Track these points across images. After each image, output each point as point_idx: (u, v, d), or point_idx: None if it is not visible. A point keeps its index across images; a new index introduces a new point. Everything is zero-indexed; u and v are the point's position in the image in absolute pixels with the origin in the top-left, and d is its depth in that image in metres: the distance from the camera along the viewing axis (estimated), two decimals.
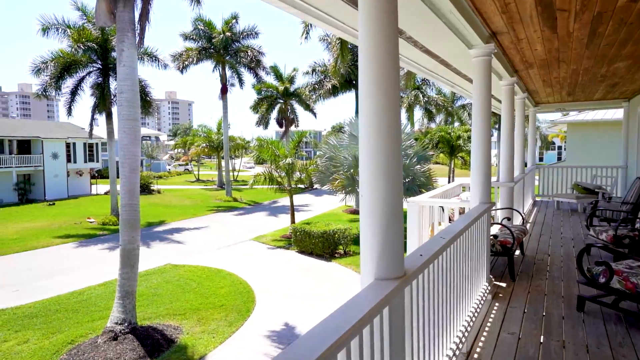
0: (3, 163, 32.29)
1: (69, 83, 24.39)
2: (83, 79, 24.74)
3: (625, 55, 5.16)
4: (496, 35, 4.16)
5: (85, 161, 39.24)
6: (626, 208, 6.78)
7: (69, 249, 18.40)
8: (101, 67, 24.91)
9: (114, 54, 24.61)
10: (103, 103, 24.91)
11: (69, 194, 36.54)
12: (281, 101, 38.46)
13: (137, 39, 10.09)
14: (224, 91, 34.29)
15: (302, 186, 21.69)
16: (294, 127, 40.37)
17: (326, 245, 16.38)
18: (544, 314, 3.78)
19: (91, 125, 26.29)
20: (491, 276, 4.47)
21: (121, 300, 9.59)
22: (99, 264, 15.98)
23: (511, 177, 6.18)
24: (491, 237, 4.74)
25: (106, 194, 35.58)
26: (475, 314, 3.54)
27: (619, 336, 3.32)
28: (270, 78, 36.80)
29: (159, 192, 38.14)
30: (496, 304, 4.02)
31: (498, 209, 5.94)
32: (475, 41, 3.96)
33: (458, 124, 41.32)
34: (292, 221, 20.19)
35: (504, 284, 4.60)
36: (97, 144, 40.08)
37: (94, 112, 25.71)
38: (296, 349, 1.29)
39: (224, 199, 33.92)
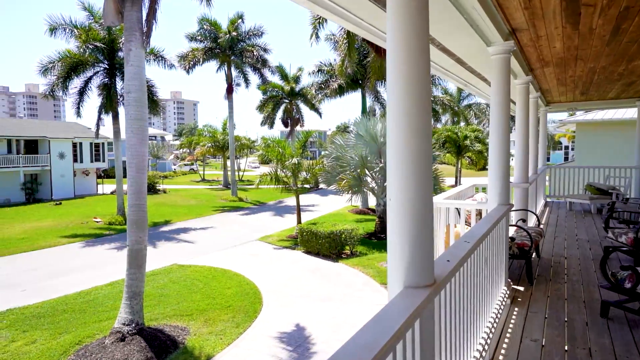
0: (11, 163, 32.47)
1: (76, 83, 24.47)
2: (90, 79, 24.81)
3: None
4: (515, 32, 4.05)
5: (91, 161, 39.39)
6: None
7: (76, 249, 18.43)
8: (108, 67, 24.95)
9: (121, 54, 24.67)
10: (110, 103, 24.96)
11: (75, 193, 36.68)
12: (287, 101, 38.38)
13: (144, 38, 10.04)
14: (229, 91, 34.28)
15: (308, 186, 21.58)
16: (299, 127, 40.29)
17: (333, 245, 16.27)
18: (565, 319, 3.66)
19: (98, 125, 26.36)
20: (509, 280, 4.35)
21: (128, 301, 9.55)
22: (105, 263, 15.98)
23: (526, 178, 6.06)
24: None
25: (112, 193, 35.71)
26: (496, 319, 3.43)
27: None
28: (275, 78, 36.78)
29: (164, 191, 38.22)
30: (515, 309, 3.91)
31: (513, 210, 5.82)
32: (495, 38, 3.84)
33: (463, 123, 41.09)
34: (299, 221, 20.11)
35: (521, 288, 4.48)
36: (103, 143, 40.23)
37: (100, 112, 25.76)
38: None
39: (229, 198, 33.92)
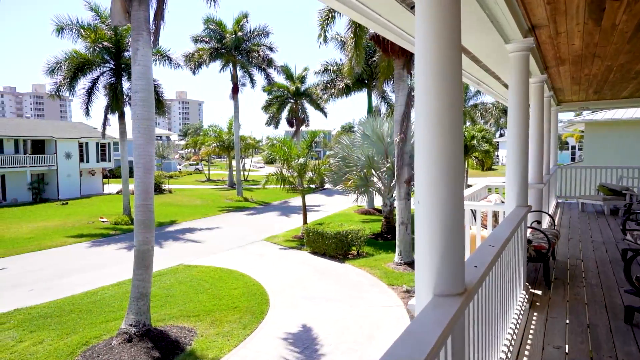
0: (18, 163, 32.64)
1: (82, 83, 24.55)
2: (98, 79, 24.87)
3: None
4: (534, 28, 3.93)
5: (97, 161, 39.54)
6: None
7: (82, 249, 18.45)
8: (114, 67, 25.00)
9: (127, 54, 24.72)
10: (116, 103, 25.00)
11: (81, 193, 36.83)
12: (292, 101, 38.35)
13: (151, 38, 10.00)
14: (235, 91, 34.27)
15: (313, 186, 21.51)
16: (304, 127, 40.26)
17: (339, 246, 16.17)
18: (588, 325, 3.55)
19: (104, 125, 26.42)
20: (527, 284, 4.24)
21: (135, 301, 9.50)
22: (112, 263, 15.98)
23: (540, 179, 5.93)
24: None
25: (118, 193, 35.80)
26: (517, 326, 3.32)
27: None
28: (281, 78, 36.75)
29: (170, 191, 38.28)
30: (534, 314, 3.79)
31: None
32: (514, 35, 3.73)
33: (469, 123, 40.84)
34: (305, 221, 20.02)
35: (539, 292, 4.36)
36: (109, 143, 40.37)
37: (106, 112, 25.82)
38: None
39: (234, 198, 33.91)
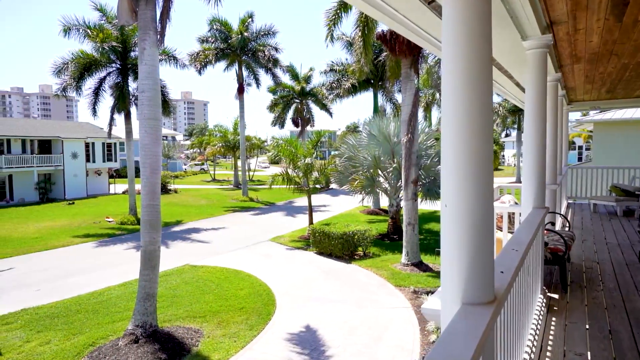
0: (25, 163, 32.82)
1: (89, 84, 24.65)
2: (104, 79, 24.94)
3: None
4: (553, 25, 3.82)
5: (103, 161, 39.70)
6: None
7: (89, 249, 18.48)
8: (120, 67, 25.06)
9: (133, 54, 24.77)
10: (123, 103, 25.06)
11: (87, 193, 36.98)
12: (297, 101, 38.30)
13: (158, 37, 9.95)
14: (240, 91, 34.24)
15: (319, 186, 21.43)
16: (309, 127, 40.20)
17: (346, 246, 16.07)
18: (609, 331, 3.43)
19: (110, 125, 26.49)
20: (544, 287, 4.13)
21: (142, 302, 9.46)
22: (118, 263, 15.98)
23: (554, 179, 5.81)
24: None
25: (124, 193, 35.91)
26: (536, 331, 3.22)
27: None
28: (286, 78, 36.71)
29: (175, 191, 38.35)
30: (553, 319, 3.68)
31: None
32: (532, 31, 3.63)
33: None
34: (310, 222, 19.94)
35: (555, 296, 4.25)
36: (115, 143, 40.52)
37: (113, 112, 25.89)
38: None
39: (240, 198, 33.90)
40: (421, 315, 10.74)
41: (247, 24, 32.04)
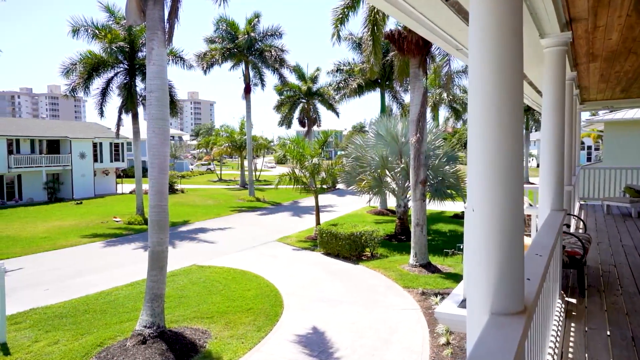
0: (34, 163, 33.08)
1: (97, 84, 24.76)
2: (112, 79, 25.05)
3: None
4: (572, 22, 3.72)
5: (111, 161, 39.91)
6: None
7: (97, 249, 18.55)
8: (128, 67, 25.16)
9: (140, 54, 24.86)
10: (131, 103, 25.16)
11: (95, 193, 37.21)
12: (304, 101, 38.27)
13: (166, 37, 9.93)
14: (247, 91, 34.26)
15: (325, 186, 21.36)
16: (316, 127, 40.15)
17: (353, 247, 15.98)
18: (632, 338, 3.32)
19: (118, 126, 26.60)
20: (562, 292, 4.02)
21: (150, 303, 9.44)
22: (125, 264, 16.01)
23: (569, 180, 5.68)
24: None
25: (131, 193, 36.09)
26: (557, 338, 3.12)
27: None
28: (292, 78, 36.69)
29: (182, 191, 38.47)
30: (572, 325, 3.58)
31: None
32: (551, 29, 3.52)
33: None
34: (317, 222, 19.86)
35: (573, 300, 4.14)
36: (122, 143, 40.73)
37: (120, 113, 26.00)
38: None
39: (246, 198, 33.92)
40: (430, 317, 10.63)
41: (253, 24, 32.04)
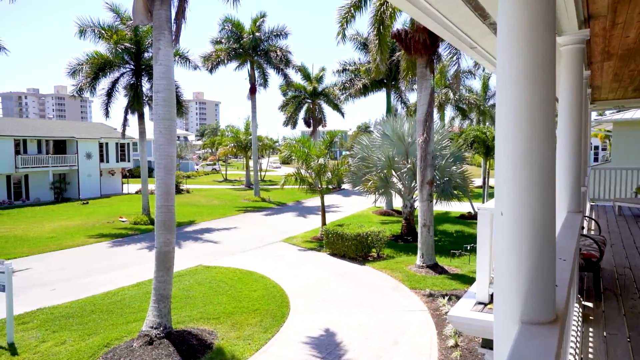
0: (41, 163, 33.26)
1: (103, 84, 24.83)
2: (118, 80, 25.13)
3: None
4: (590, 19, 3.63)
5: (117, 161, 40.07)
6: None
7: (103, 249, 18.60)
8: (134, 67, 25.22)
9: (146, 55, 24.91)
10: (137, 104, 25.22)
11: (101, 193, 37.37)
12: (309, 101, 38.23)
13: (172, 37, 9.90)
14: (252, 91, 34.26)
15: (331, 186, 21.29)
16: (321, 127, 40.10)
17: (359, 248, 15.90)
18: None
19: (124, 126, 26.67)
20: (578, 295, 3.93)
21: (156, 304, 9.41)
22: (131, 264, 16.03)
23: (583, 180, 5.58)
24: None
25: (137, 193, 36.22)
26: (576, 344, 3.03)
27: None
28: (297, 78, 36.66)
29: (187, 191, 38.54)
30: (590, 330, 3.49)
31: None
32: (569, 26, 3.44)
33: (489, 123, 40.03)
34: (323, 222, 19.80)
35: (590, 304, 4.04)
36: (128, 144, 40.89)
37: (126, 113, 26.07)
38: None
39: (252, 199, 33.92)
40: (438, 319, 10.54)
41: (259, 24, 32.03)
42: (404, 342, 9.40)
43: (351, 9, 13.19)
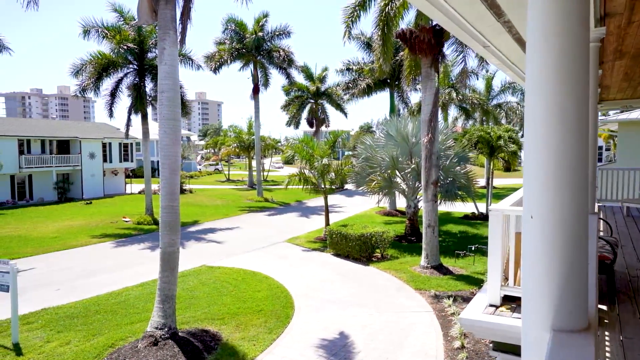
0: (44, 163, 33.34)
1: (106, 84, 24.86)
2: (121, 80, 25.14)
3: None
4: (606, 17, 3.56)
5: (120, 161, 40.14)
6: None
7: (107, 249, 18.60)
8: (137, 67, 25.23)
9: (150, 55, 24.92)
10: (140, 103, 25.23)
11: (104, 193, 37.43)
12: (312, 101, 38.19)
13: (178, 37, 9.88)
14: (255, 91, 34.23)
15: (334, 187, 21.24)
16: (324, 127, 40.06)
17: (363, 248, 15.84)
18: None
19: (127, 126, 26.71)
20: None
21: (161, 304, 9.37)
22: (135, 264, 16.02)
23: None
24: None
25: (140, 193, 36.24)
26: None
27: None
28: (300, 78, 36.62)
29: (190, 191, 38.56)
30: (606, 334, 3.42)
31: None
32: None
33: (492, 123, 39.92)
34: (327, 223, 19.75)
35: (604, 307, 3.98)
36: (131, 144, 40.94)
37: (130, 113, 26.09)
38: None
39: (255, 199, 33.90)
40: (444, 320, 10.47)
41: (262, 23, 32.01)
42: (410, 343, 9.33)
43: (356, 8, 13.14)
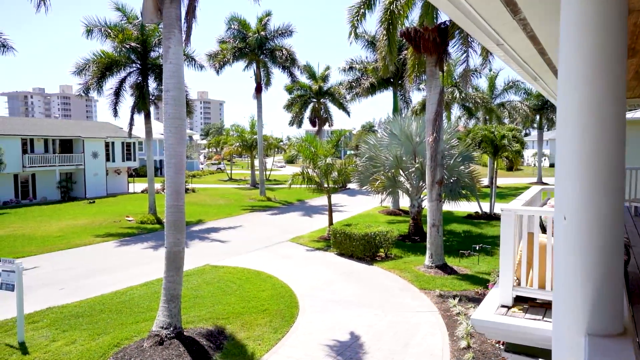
0: (47, 162, 33.40)
1: (110, 84, 24.87)
2: (124, 79, 25.14)
3: None
4: None
5: (123, 160, 40.18)
6: None
7: (110, 248, 18.61)
8: (140, 67, 25.23)
9: (153, 54, 24.92)
10: (143, 104, 25.23)
11: (107, 192, 37.50)
12: (314, 100, 38.14)
13: (183, 36, 9.84)
14: (258, 90, 34.20)
15: (337, 186, 21.22)
16: (327, 127, 40.02)
17: (367, 248, 15.81)
18: None
19: (130, 125, 26.72)
20: None
21: (166, 304, 9.36)
22: (139, 263, 16.03)
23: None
24: None
25: (143, 192, 36.28)
26: None
27: None
28: (303, 77, 36.56)
29: (193, 190, 38.58)
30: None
31: None
32: None
33: (495, 122, 39.81)
34: (330, 222, 19.73)
35: None
36: (134, 143, 40.98)
37: (133, 112, 26.09)
38: None
39: (257, 198, 33.91)
40: (449, 320, 10.43)
41: (264, 22, 31.98)
42: (415, 343, 9.30)
43: (361, 7, 13.09)
